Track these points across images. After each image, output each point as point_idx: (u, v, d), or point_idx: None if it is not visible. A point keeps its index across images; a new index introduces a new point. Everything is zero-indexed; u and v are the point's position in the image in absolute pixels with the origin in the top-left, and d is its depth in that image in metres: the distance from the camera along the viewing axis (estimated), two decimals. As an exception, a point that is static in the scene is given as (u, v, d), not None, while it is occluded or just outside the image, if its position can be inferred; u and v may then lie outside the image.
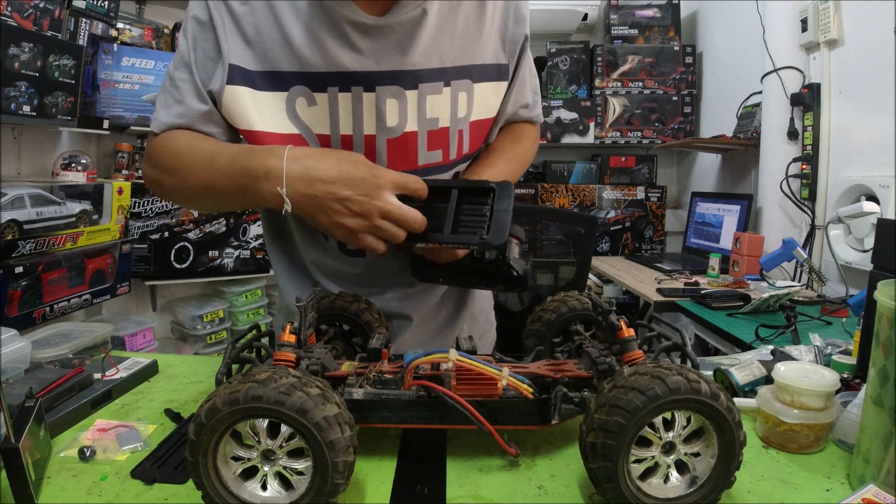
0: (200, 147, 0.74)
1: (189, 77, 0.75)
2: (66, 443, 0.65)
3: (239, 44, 0.75)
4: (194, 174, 0.73)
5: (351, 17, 0.73)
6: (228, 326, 2.76)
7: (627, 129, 3.03)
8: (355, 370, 0.65)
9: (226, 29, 0.74)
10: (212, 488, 0.50)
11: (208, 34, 0.75)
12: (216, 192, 0.73)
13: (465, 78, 0.80)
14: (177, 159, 0.75)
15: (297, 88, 0.75)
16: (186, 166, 0.74)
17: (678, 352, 0.65)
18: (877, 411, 0.56)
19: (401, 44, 0.75)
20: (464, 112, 0.82)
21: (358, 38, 0.74)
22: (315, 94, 0.76)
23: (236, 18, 0.74)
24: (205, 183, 0.73)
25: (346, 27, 0.73)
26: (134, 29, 2.44)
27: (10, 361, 0.79)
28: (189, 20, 0.77)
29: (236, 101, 0.75)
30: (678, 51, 2.98)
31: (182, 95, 0.76)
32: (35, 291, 1.84)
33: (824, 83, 2.08)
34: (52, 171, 2.15)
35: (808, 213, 2.16)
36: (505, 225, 0.67)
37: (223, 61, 0.74)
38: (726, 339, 1.58)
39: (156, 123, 0.78)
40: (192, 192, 0.76)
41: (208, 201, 0.79)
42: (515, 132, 0.95)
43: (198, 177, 0.73)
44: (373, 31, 0.74)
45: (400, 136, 0.78)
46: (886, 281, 0.57)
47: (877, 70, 1.82)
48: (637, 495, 0.51)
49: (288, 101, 0.76)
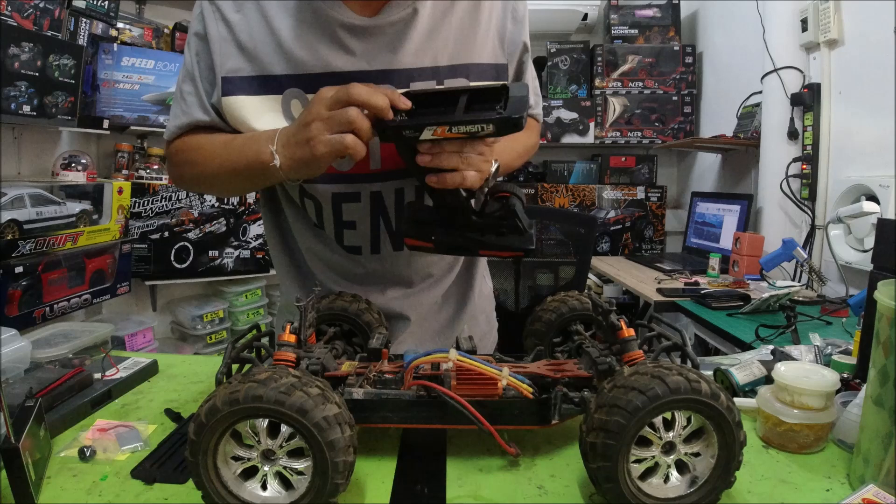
0: (217, 138, 0.80)
1: (194, 90, 0.80)
2: (66, 443, 0.65)
3: (234, 52, 0.77)
4: (215, 159, 0.78)
5: (342, 19, 0.75)
6: (228, 326, 2.75)
7: (627, 129, 3.03)
8: (355, 370, 0.65)
9: (221, 40, 0.77)
10: (212, 488, 0.50)
11: (207, 47, 0.78)
12: (234, 171, 0.76)
13: (460, 77, 0.80)
14: (197, 151, 0.80)
15: (291, 91, 0.77)
16: (208, 154, 0.79)
17: (678, 352, 0.65)
18: (877, 411, 0.56)
19: (392, 44, 0.76)
20: None
21: (350, 39, 0.75)
22: (309, 96, 0.77)
23: (231, 27, 0.77)
24: (222, 164, 0.77)
25: (338, 29, 0.75)
26: (134, 29, 2.44)
27: (10, 361, 0.79)
28: (190, 35, 0.80)
29: (235, 111, 0.78)
30: (678, 51, 2.98)
31: (189, 108, 0.80)
32: (35, 291, 1.84)
33: (824, 83, 2.07)
34: (52, 171, 2.15)
35: (808, 213, 2.16)
36: (524, 100, 0.63)
37: (216, 76, 0.77)
38: (726, 339, 1.58)
39: (167, 133, 0.83)
40: (215, 176, 0.80)
41: (228, 181, 0.82)
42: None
43: (218, 161, 0.77)
44: (364, 32, 0.75)
45: None
46: (886, 281, 0.57)
47: (877, 70, 1.82)
48: (637, 495, 0.51)
49: (283, 103, 0.78)
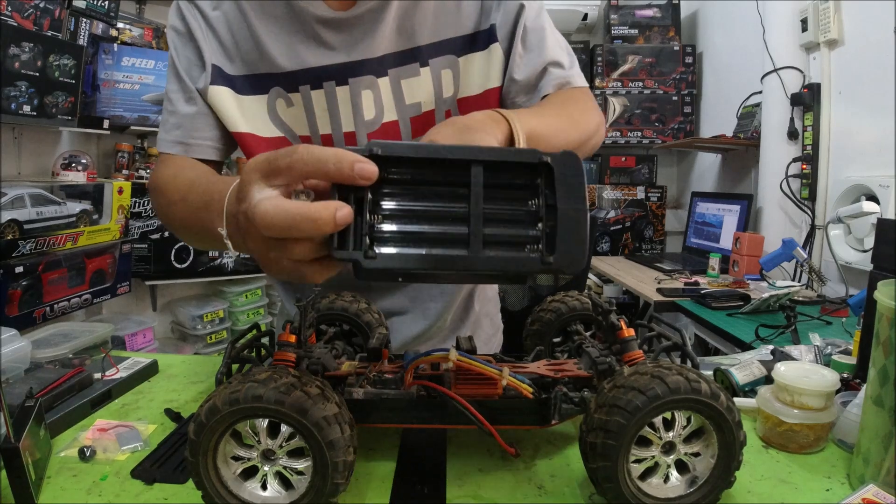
0: (180, 180, 0.69)
1: (178, 86, 0.76)
2: (66, 443, 0.65)
3: (217, 49, 0.75)
4: (176, 211, 0.67)
5: (318, 13, 0.72)
6: (228, 326, 2.76)
7: (627, 129, 3.03)
8: (355, 370, 0.65)
9: (204, 34, 0.75)
10: (212, 488, 0.50)
11: (189, 42, 0.75)
12: (194, 233, 0.66)
13: (446, 54, 0.75)
14: (163, 194, 0.71)
15: (275, 90, 0.76)
16: (171, 200, 0.69)
17: (678, 352, 0.64)
18: (877, 411, 0.56)
19: (370, 31, 0.73)
20: (450, 91, 0.77)
21: (327, 33, 0.73)
22: (290, 95, 0.75)
23: (211, 24, 0.75)
24: (183, 220, 0.66)
25: (315, 25, 0.73)
26: (134, 29, 2.44)
27: (10, 361, 0.79)
28: (169, 32, 0.77)
29: (221, 102, 0.75)
30: (678, 51, 2.98)
31: (174, 105, 0.76)
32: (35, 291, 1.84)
33: (824, 83, 2.07)
34: (53, 171, 2.15)
35: (808, 213, 2.16)
36: (582, 236, 0.42)
37: (206, 63, 0.74)
38: (726, 339, 1.58)
39: (158, 143, 0.79)
40: (176, 229, 0.71)
41: (190, 238, 0.71)
42: (561, 96, 0.76)
43: (179, 214, 0.67)
44: (341, 24, 0.73)
45: (379, 129, 0.76)
46: (886, 281, 0.57)
47: (877, 70, 1.82)
48: (637, 495, 0.51)
49: (269, 103, 0.76)
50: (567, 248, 0.41)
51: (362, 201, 0.41)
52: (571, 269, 0.41)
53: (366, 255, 0.40)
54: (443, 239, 0.42)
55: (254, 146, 0.77)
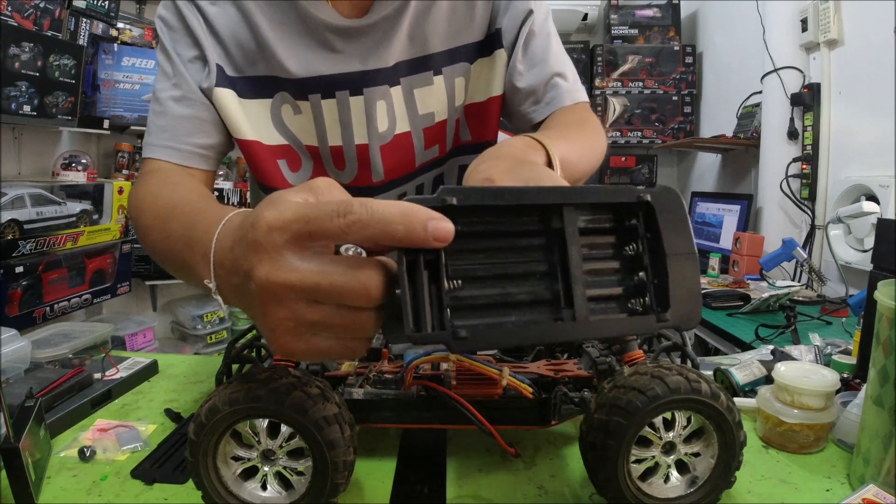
0: (160, 202, 0.61)
1: (169, 86, 0.70)
2: (66, 443, 0.65)
3: (216, 47, 0.70)
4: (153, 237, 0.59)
5: (330, 21, 0.68)
6: (228, 326, 2.76)
7: (627, 129, 3.03)
8: (355, 370, 0.65)
9: (203, 31, 0.69)
10: (212, 488, 0.50)
11: (185, 38, 0.70)
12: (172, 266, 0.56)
13: (460, 61, 0.72)
14: (140, 215, 0.62)
15: (281, 95, 0.71)
16: (146, 227, 0.60)
17: (678, 352, 0.64)
18: (877, 411, 0.56)
19: (383, 40, 0.70)
20: (461, 99, 0.75)
21: (339, 41, 0.69)
22: (298, 103, 0.71)
23: (209, 20, 0.69)
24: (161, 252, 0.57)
25: (326, 33, 0.69)
26: (134, 29, 2.44)
27: (10, 361, 0.79)
28: (160, 28, 0.71)
29: (226, 105, 0.70)
30: (678, 51, 2.98)
31: (163, 106, 0.71)
32: (35, 291, 1.84)
33: (824, 83, 2.07)
34: (53, 171, 2.15)
35: (808, 213, 2.16)
36: (695, 285, 0.37)
37: (209, 62, 0.69)
38: (726, 339, 1.59)
39: (144, 148, 0.72)
40: (157, 260, 0.60)
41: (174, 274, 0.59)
42: (574, 115, 0.73)
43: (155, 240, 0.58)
44: (354, 32, 0.69)
45: (391, 141, 0.73)
46: (886, 281, 0.57)
47: (877, 70, 1.82)
48: (637, 495, 0.51)
49: (273, 108, 0.72)
50: (681, 301, 0.36)
51: (436, 265, 0.33)
52: (688, 325, 0.37)
53: (455, 335, 0.33)
54: (533, 301, 0.35)
55: (258, 154, 0.73)
